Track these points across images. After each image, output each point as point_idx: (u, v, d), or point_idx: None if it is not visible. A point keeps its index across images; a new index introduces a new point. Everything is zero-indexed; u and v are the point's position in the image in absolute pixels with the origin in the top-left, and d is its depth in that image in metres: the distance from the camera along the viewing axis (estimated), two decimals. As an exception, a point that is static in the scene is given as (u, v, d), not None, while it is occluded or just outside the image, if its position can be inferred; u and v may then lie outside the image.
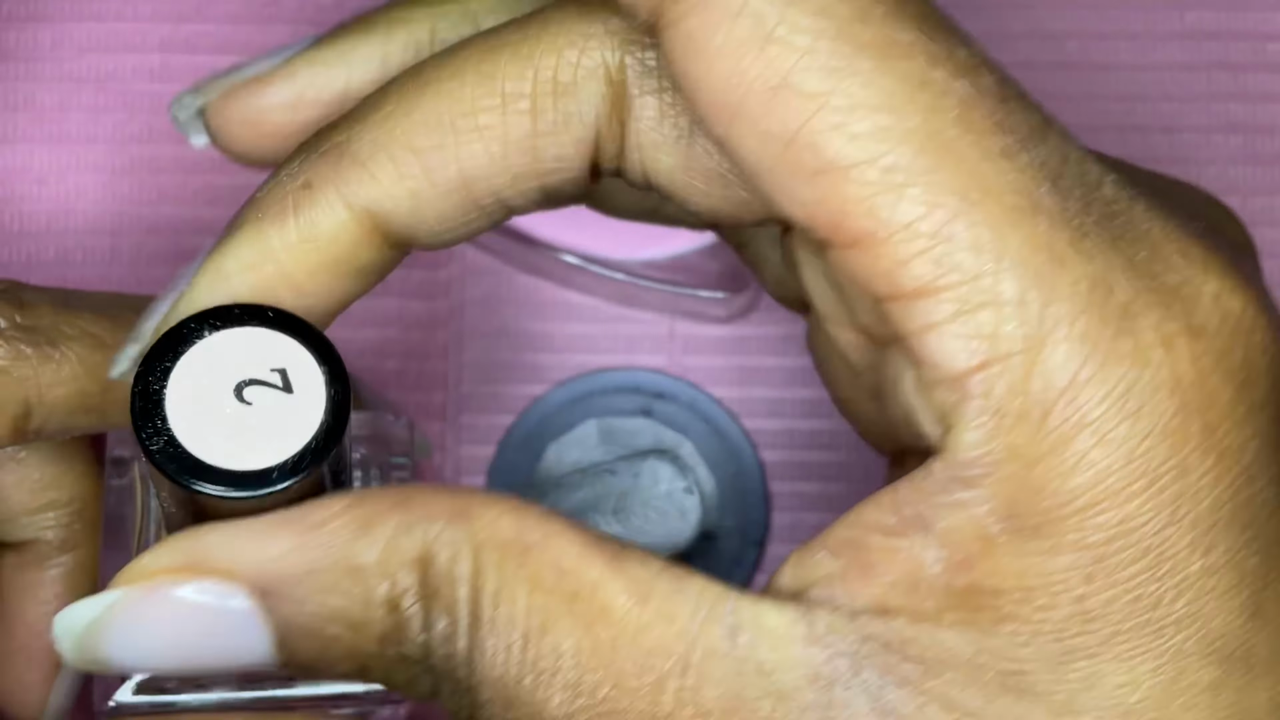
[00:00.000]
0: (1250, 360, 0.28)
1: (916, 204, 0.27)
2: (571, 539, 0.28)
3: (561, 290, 0.50)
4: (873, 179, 0.27)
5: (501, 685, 0.27)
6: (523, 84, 0.30)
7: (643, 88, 0.31)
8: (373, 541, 0.28)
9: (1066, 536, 0.27)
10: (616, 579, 0.28)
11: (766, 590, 0.30)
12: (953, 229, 0.27)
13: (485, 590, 0.28)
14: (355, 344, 0.49)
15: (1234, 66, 0.49)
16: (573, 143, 0.31)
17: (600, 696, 0.27)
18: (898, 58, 0.27)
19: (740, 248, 0.36)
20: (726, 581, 0.29)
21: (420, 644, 0.28)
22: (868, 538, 0.29)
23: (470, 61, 0.31)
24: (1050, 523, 0.27)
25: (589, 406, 0.49)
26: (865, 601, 0.28)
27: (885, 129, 0.27)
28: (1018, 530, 0.27)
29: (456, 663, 0.28)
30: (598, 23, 0.30)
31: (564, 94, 0.30)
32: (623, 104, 0.31)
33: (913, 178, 0.27)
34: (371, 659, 0.28)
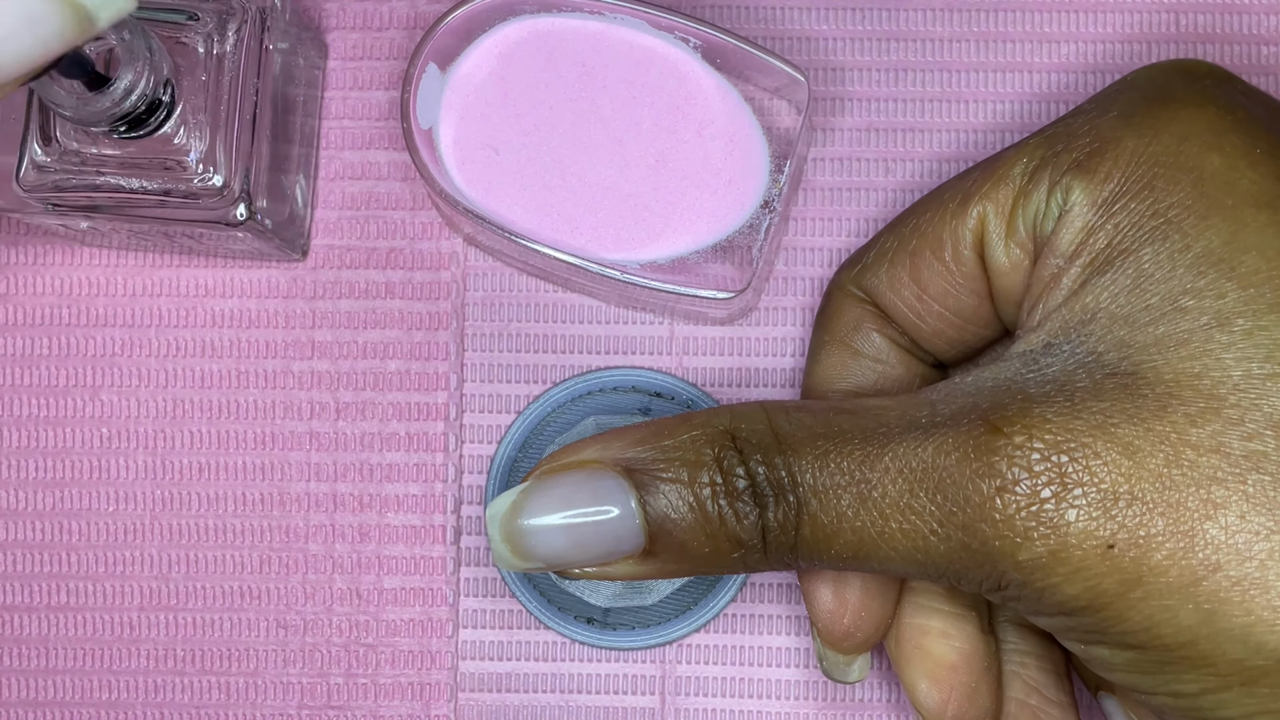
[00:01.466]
0: None
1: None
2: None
3: (563, 292, 0.50)
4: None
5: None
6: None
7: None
8: (693, 427, 0.39)
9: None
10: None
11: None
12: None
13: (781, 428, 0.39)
14: (358, 345, 0.50)
15: (1230, 69, 0.49)
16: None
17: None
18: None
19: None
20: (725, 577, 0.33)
21: (744, 474, 0.38)
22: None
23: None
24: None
25: (588, 405, 0.49)
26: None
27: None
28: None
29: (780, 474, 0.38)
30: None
31: None
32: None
33: None
34: (705, 500, 0.38)
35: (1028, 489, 0.36)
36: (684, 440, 0.39)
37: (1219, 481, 0.36)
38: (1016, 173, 0.41)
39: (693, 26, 0.47)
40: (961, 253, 0.42)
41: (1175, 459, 0.36)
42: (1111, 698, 0.43)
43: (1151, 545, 0.36)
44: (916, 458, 0.37)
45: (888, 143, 0.50)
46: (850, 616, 0.43)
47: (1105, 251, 0.39)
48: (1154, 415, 0.36)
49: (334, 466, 0.49)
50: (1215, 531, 0.36)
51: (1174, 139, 0.39)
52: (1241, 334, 0.37)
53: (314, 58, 0.49)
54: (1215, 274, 0.37)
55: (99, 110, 0.42)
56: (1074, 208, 0.39)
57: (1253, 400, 0.36)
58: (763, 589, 0.49)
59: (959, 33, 0.50)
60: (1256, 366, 0.36)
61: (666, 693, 0.49)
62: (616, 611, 0.49)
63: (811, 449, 0.38)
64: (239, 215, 0.45)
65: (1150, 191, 0.39)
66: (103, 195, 0.45)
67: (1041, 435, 0.37)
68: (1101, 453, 0.36)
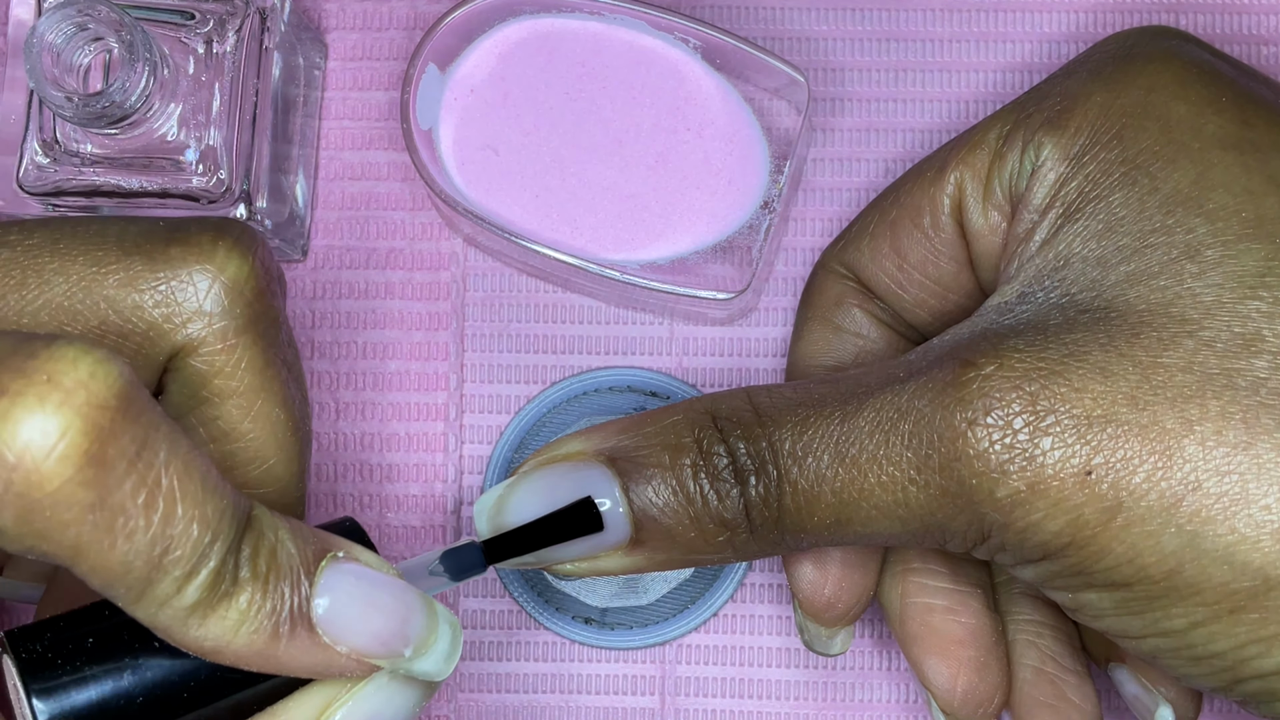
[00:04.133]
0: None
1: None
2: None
3: (562, 292, 0.50)
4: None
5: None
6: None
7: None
8: (676, 412, 0.40)
9: None
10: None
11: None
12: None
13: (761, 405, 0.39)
14: (358, 345, 0.50)
15: (1230, 69, 0.50)
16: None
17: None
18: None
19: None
20: (721, 572, 0.33)
21: (724, 452, 0.38)
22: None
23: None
24: None
25: (584, 406, 0.49)
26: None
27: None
28: None
29: (761, 451, 0.38)
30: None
31: None
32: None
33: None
34: (686, 482, 0.39)
35: (1000, 419, 0.36)
36: (665, 425, 0.40)
37: (1194, 399, 0.36)
38: (991, 138, 0.42)
39: (693, 27, 0.47)
40: (940, 219, 0.43)
41: (1148, 380, 0.36)
42: (1121, 667, 0.43)
43: (1129, 467, 0.36)
44: (892, 406, 0.38)
45: (887, 143, 0.50)
46: (831, 587, 0.43)
47: (1076, 200, 0.39)
48: (1126, 341, 0.36)
49: (334, 467, 0.49)
50: (1193, 448, 0.35)
51: (1141, 90, 0.40)
52: (1212, 263, 0.37)
53: (314, 58, 0.49)
54: (1184, 211, 0.38)
55: (99, 111, 0.42)
56: (1045, 162, 0.40)
57: (1225, 322, 0.36)
58: (762, 589, 0.49)
59: (959, 33, 0.50)
60: (1228, 291, 0.37)
61: (666, 693, 0.49)
62: (613, 611, 0.49)
63: (791, 417, 0.39)
64: (239, 215, 0.45)
65: (1119, 141, 0.39)
66: (102, 195, 0.45)
67: (1012, 365, 0.37)
68: (1073, 378, 0.36)
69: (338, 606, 0.35)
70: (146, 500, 0.32)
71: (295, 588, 0.34)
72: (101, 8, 0.42)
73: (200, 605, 0.33)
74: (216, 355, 0.38)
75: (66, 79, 0.42)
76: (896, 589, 0.44)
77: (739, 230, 0.47)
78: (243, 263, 0.38)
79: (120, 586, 0.32)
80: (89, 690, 0.35)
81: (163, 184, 0.45)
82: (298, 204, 0.49)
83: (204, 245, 0.37)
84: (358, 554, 0.36)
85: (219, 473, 0.34)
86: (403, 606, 0.35)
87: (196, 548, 0.33)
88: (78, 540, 0.32)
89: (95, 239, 0.37)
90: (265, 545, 0.34)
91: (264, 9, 0.46)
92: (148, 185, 0.45)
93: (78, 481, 0.31)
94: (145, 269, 0.37)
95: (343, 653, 0.35)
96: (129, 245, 0.37)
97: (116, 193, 0.45)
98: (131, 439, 0.32)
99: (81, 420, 0.31)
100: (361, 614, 0.35)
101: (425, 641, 0.36)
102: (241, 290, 0.37)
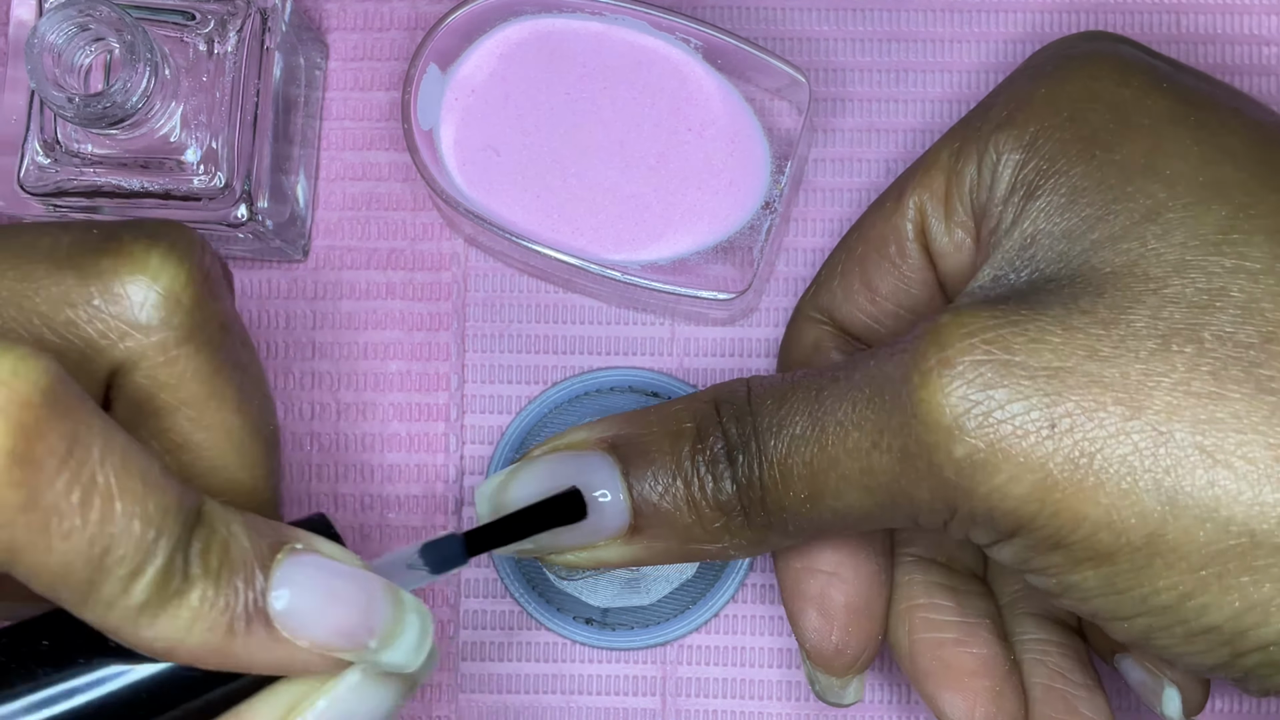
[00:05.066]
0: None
1: None
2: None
3: (563, 293, 0.50)
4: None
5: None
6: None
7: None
8: (679, 403, 0.40)
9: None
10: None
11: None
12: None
13: (756, 393, 0.39)
14: (358, 346, 0.50)
15: (1231, 70, 0.49)
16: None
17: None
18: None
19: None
20: (723, 572, 0.33)
21: (720, 435, 0.39)
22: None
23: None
24: None
25: (584, 406, 0.49)
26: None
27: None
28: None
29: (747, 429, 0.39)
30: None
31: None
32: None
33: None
34: (684, 465, 0.39)
35: (954, 372, 0.35)
36: (668, 414, 0.40)
37: (1159, 353, 0.35)
38: (944, 157, 0.42)
39: (694, 27, 0.47)
40: (905, 245, 0.43)
41: (1111, 334, 0.35)
42: (1126, 656, 0.43)
43: (1096, 420, 0.35)
44: (862, 373, 0.37)
45: (888, 144, 0.50)
46: (838, 633, 0.43)
47: (1035, 179, 0.39)
48: (1090, 299, 0.36)
49: (335, 468, 0.49)
50: (1162, 398, 0.35)
51: (1084, 79, 0.40)
52: (1174, 223, 0.37)
53: (315, 58, 0.49)
54: (1142, 179, 0.37)
55: (100, 112, 0.42)
56: (1002, 158, 0.40)
57: (1190, 279, 0.36)
58: (763, 590, 0.49)
59: (959, 34, 0.50)
60: (1191, 250, 0.36)
61: (668, 694, 0.49)
62: (615, 612, 0.49)
63: (773, 396, 0.39)
64: (240, 216, 0.45)
65: (1070, 122, 0.39)
66: (103, 196, 0.45)
67: (969, 319, 0.36)
68: (1030, 329, 0.36)
69: (296, 599, 0.34)
70: (82, 499, 0.31)
71: (249, 582, 0.33)
72: (102, 8, 0.42)
73: (149, 605, 0.32)
74: (158, 369, 0.36)
75: (67, 79, 0.42)
76: (903, 627, 0.43)
77: (740, 231, 0.47)
78: (179, 269, 0.36)
79: (63, 589, 0.32)
80: (44, 695, 0.34)
81: (164, 184, 0.45)
82: (299, 204, 0.49)
83: (136, 254, 0.36)
84: (317, 545, 0.35)
85: (162, 468, 0.33)
86: (364, 596, 0.34)
87: (140, 546, 0.32)
88: (12, 543, 0.31)
89: (26, 251, 0.36)
90: (217, 540, 0.33)
91: (265, 9, 0.46)
92: (149, 186, 0.45)
93: (5, 483, 0.30)
94: (77, 283, 0.35)
95: (304, 647, 0.34)
96: (60, 258, 0.36)
97: (117, 193, 0.45)
98: (60, 436, 0.31)
99: (5, 420, 0.30)
100: (321, 606, 0.34)
101: (392, 632, 0.34)
102: (179, 299, 0.36)
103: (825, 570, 0.43)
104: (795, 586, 0.43)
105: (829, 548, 0.43)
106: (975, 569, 0.45)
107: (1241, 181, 0.37)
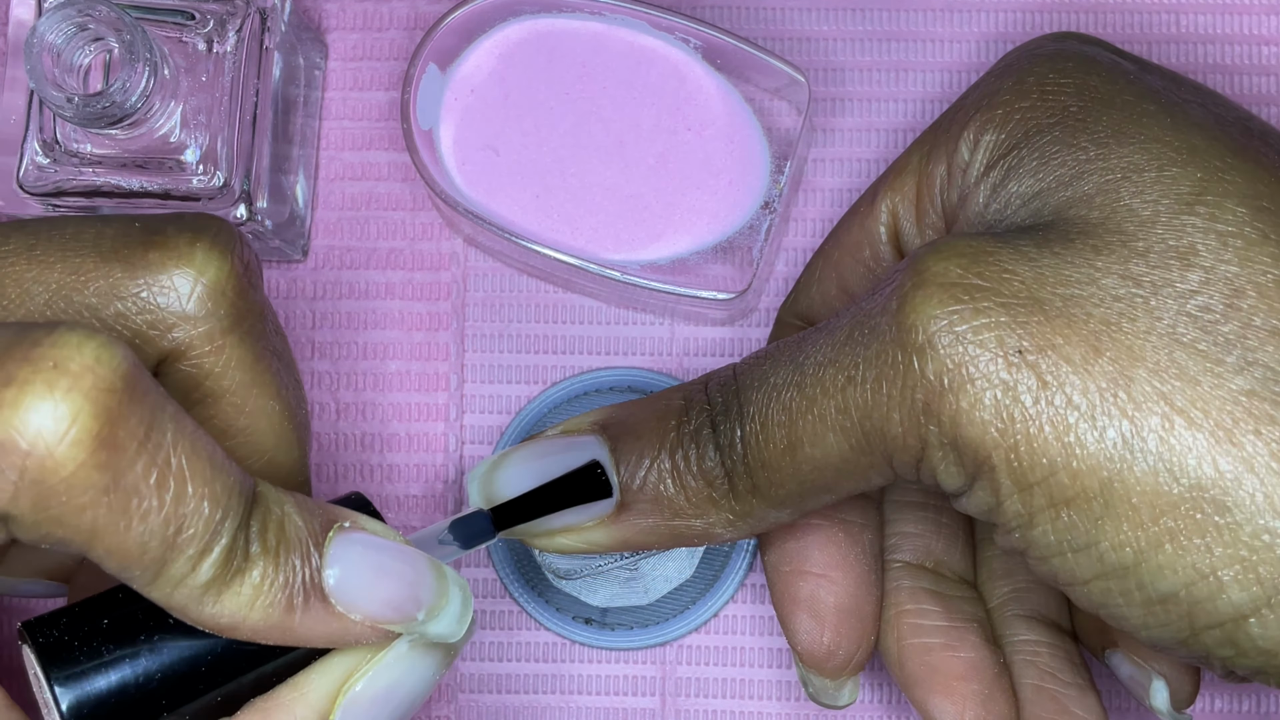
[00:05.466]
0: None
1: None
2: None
3: (563, 292, 0.50)
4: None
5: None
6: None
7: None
8: (671, 388, 0.41)
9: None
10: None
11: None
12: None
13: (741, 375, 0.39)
14: (358, 346, 0.50)
15: (1230, 70, 0.49)
16: None
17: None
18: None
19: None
20: (722, 573, 0.33)
21: (705, 405, 0.39)
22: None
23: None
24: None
25: (585, 405, 0.49)
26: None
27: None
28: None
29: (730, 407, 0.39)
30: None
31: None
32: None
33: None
34: (668, 438, 0.40)
35: (928, 296, 0.36)
36: (659, 396, 0.41)
37: (1123, 300, 0.36)
38: (915, 160, 0.43)
39: (693, 27, 0.47)
40: (879, 248, 0.44)
41: (1080, 278, 0.36)
42: (1116, 651, 0.43)
43: (1062, 353, 0.35)
44: (841, 318, 0.38)
45: (888, 143, 0.50)
46: (829, 634, 0.43)
47: (1009, 149, 0.39)
48: (1061, 244, 0.37)
49: (334, 468, 0.49)
50: (1125, 342, 0.35)
51: (1051, 70, 0.40)
52: (1149, 182, 0.37)
53: (314, 58, 0.49)
54: (1115, 143, 0.38)
55: (99, 112, 0.42)
56: (978, 144, 0.40)
57: (1159, 235, 0.36)
58: (762, 590, 0.49)
59: (959, 33, 0.50)
60: (1165, 207, 0.37)
61: (667, 694, 0.49)
62: (614, 612, 0.49)
63: (756, 359, 0.39)
64: (239, 215, 0.45)
65: (1041, 99, 0.40)
66: (103, 195, 0.45)
67: (949, 252, 0.37)
68: (1006, 260, 0.36)
69: (348, 575, 0.35)
70: (158, 480, 0.32)
71: (306, 559, 0.35)
72: (101, 8, 0.42)
73: (215, 582, 0.34)
74: (205, 358, 0.38)
75: (67, 79, 0.42)
76: (892, 633, 0.44)
77: (739, 230, 0.47)
78: (223, 262, 0.37)
79: (136, 568, 0.33)
80: (109, 673, 0.35)
81: (163, 184, 0.45)
82: (298, 204, 0.49)
83: (182, 248, 0.37)
84: (364, 523, 0.36)
85: (224, 451, 0.34)
86: (412, 571, 0.36)
87: (209, 525, 0.33)
88: (94, 524, 0.32)
89: (71, 244, 0.37)
90: (273, 520, 0.35)
91: (264, 9, 0.46)
92: (148, 185, 0.45)
93: (91, 465, 0.31)
94: (125, 276, 0.37)
95: (357, 620, 0.35)
96: (106, 250, 0.37)
97: (117, 193, 0.45)
98: (139, 420, 0.32)
99: (91, 404, 0.31)
100: (372, 581, 0.36)
101: (437, 604, 0.36)
102: (224, 290, 0.37)
103: (815, 572, 0.43)
104: (785, 590, 0.43)
105: (817, 549, 0.43)
106: (965, 574, 0.45)
107: (1214, 149, 0.38)
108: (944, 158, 0.41)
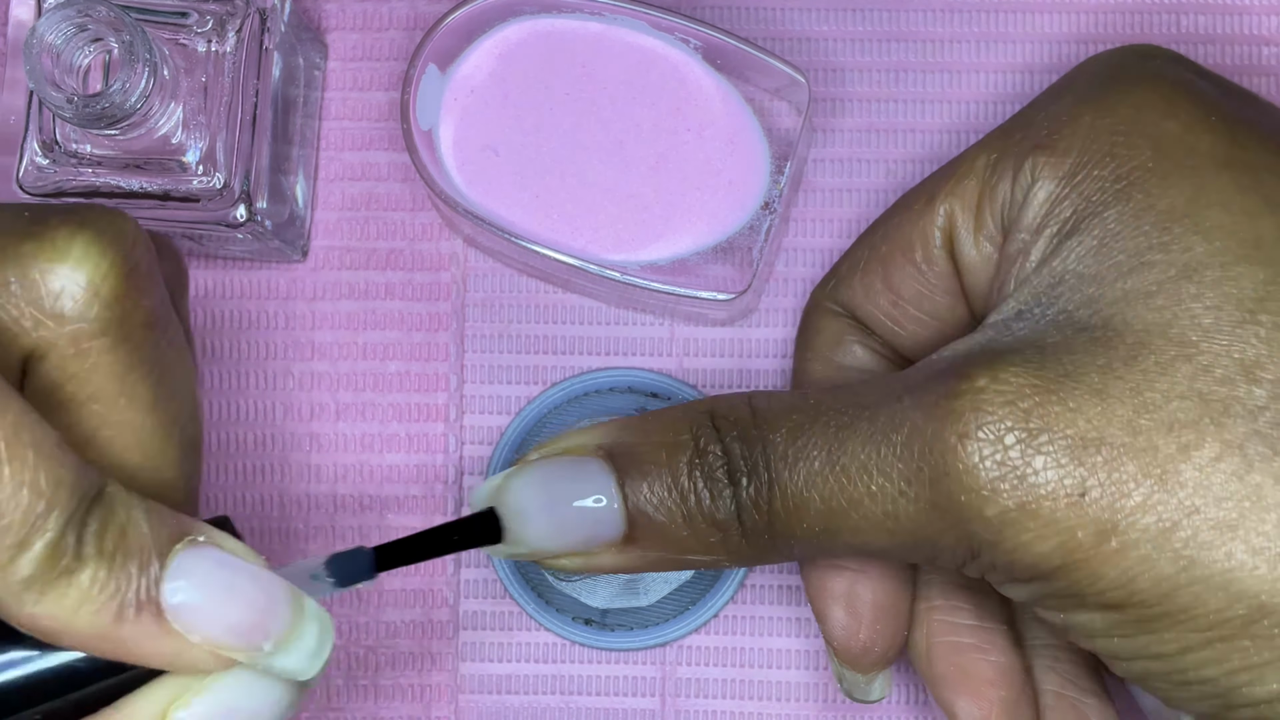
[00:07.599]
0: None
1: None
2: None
3: (563, 293, 0.50)
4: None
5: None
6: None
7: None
8: (677, 411, 0.39)
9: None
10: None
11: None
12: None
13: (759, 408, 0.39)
14: (358, 346, 0.50)
15: (1230, 70, 0.49)
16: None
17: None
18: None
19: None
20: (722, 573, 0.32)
21: (720, 451, 0.38)
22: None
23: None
24: None
25: (584, 406, 0.49)
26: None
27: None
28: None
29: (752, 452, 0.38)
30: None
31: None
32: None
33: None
34: (681, 479, 0.38)
35: (992, 435, 0.36)
36: (666, 423, 0.39)
37: (1191, 425, 0.35)
38: (979, 166, 0.41)
39: (693, 27, 0.47)
40: (932, 252, 0.43)
41: (1146, 405, 0.36)
42: None
43: (1124, 491, 0.35)
44: (887, 417, 0.37)
45: (888, 144, 0.50)
46: (865, 631, 0.43)
47: (1071, 219, 0.39)
48: (1124, 364, 0.36)
49: (334, 468, 0.49)
50: (1190, 473, 0.35)
51: (1130, 109, 0.39)
52: (1210, 283, 0.37)
53: (314, 58, 0.49)
54: (1180, 229, 0.37)
55: (98, 112, 0.42)
56: (1038, 183, 0.40)
57: (1224, 346, 0.36)
58: (763, 590, 0.49)
59: (959, 34, 0.50)
60: (1227, 314, 0.36)
61: (667, 694, 0.49)
62: (614, 613, 0.49)
63: (786, 422, 0.38)
64: (239, 216, 0.45)
65: (1111, 158, 0.39)
66: (102, 196, 0.45)
67: (1007, 380, 0.36)
68: (1068, 399, 0.36)
69: (191, 592, 0.33)
70: None
71: (144, 568, 0.33)
72: (101, 8, 0.42)
73: (36, 580, 0.32)
74: (68, 361, 0.35)
75: (66, 80, 0.42)
76: (921, 628, 0.43)
77: (739, 231, 0.47)
78: (101, 260, 0.34)
79: None
80: None
81: (163, 185, 0.45)
82: (298, 204, 0.49)
83: (59, 241, 0.34)
84: (220, 540, 0.34)
85: (61, 442, 0.32)
86: (265, 597, 0.34)
87: (28, 516, 0.31)
88: None
89: None
90: (115, 522, 0.33)
91: (264, 9, 0.46)
92: (147, 186, 0.45)
93: None
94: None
95: (195, 642, 0.33)
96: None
97: (116, 193, 0.45)
98: None
99: None
100: (218, 602, 0.33)
101: (288, 636, 0.34)
102: (98, 291, 0.34)
103: (852, 567, 0.43)
104: (821, 583, 0.43)
105: None
106: None
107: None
108: (1010, 173, 0.41)
